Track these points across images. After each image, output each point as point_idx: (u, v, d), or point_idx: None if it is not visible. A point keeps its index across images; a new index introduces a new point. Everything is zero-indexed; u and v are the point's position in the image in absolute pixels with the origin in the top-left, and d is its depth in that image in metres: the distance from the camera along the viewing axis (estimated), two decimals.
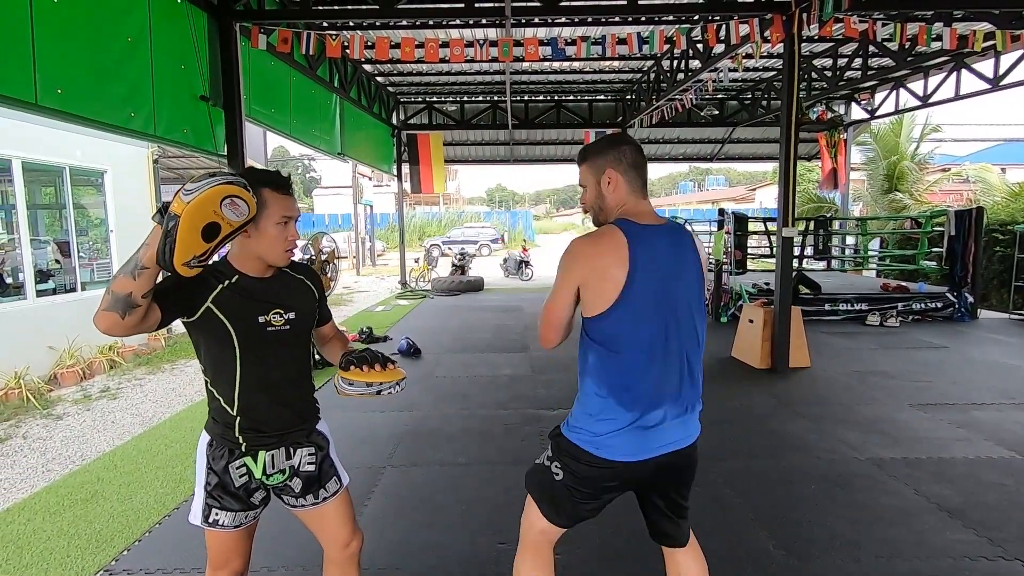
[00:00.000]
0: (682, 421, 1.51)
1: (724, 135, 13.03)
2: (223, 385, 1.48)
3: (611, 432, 1.44)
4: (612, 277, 1.38)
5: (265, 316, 1.47)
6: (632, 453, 1.45)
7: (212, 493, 1.51)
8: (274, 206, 1.43)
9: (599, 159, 1.51)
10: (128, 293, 1.22)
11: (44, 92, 3.24)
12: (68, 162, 6.24)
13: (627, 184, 1.49)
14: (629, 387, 1.43)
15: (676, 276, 1.44)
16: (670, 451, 1.49)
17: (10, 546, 2.60)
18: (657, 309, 1.41)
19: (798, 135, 5.26)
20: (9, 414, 4.72)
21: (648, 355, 1.42)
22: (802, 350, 5.50)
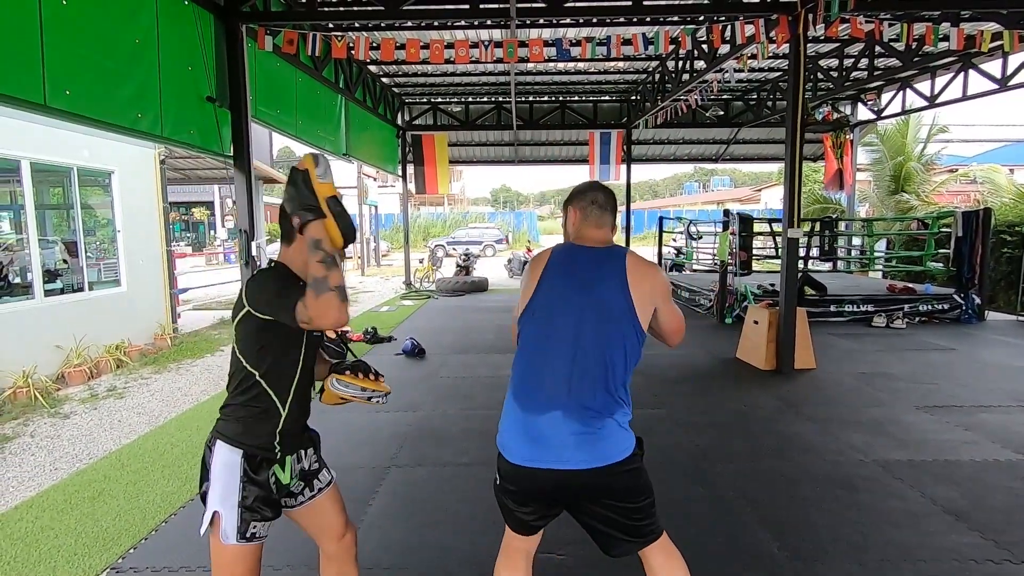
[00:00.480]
0: (581, 439, 1.42)
1: (729, 136, 13.01)
2: (280, 384, 1.50)
3: (507, 429, 1.53)
4: (531, 283, 1.59)
5: None
6: (521, 457, 1.46)
7: (252, 507, 1.47)
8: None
9: (571, 201, 1.72)
10: (343, 281, 1.30)
11: (53, 93, 3.28)
12: (76, 163, 6.28)
13: (582, 218, 1.66)
14: (522, 386, 1.52)
15: (590, 290, 1.51)
16: (566, 469, 1.42)
17: (19, 543, 2.62)
18: (562, 317, 1.51)
19: (804, 136, 5.24)
20: (17, 412, 4.75)
21: (542, 359, 1.50)
22: (807, 351, 5.48)
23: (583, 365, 1.46)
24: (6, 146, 5.46)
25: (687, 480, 3.16)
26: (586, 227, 1.65)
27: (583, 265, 1.57)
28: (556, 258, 1.60)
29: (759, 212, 26.27)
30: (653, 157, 13.92)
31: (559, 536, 2.57)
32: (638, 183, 61.01)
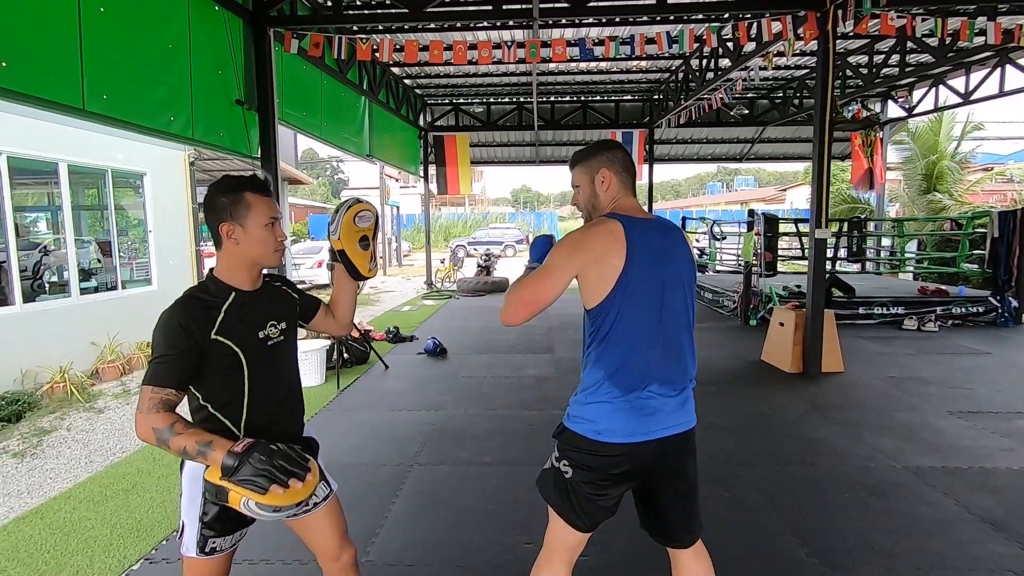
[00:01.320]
0: (679, 404, 1.55)
1: (754, 135, 12.80)
2: (230, 409, 1.43)
3: (608, 415, 1.49)
4: (611, 264, 1.45)
5: (264, 331, 1.47)
6: (631, 434, 1.48)
7: (210, 524, 1.43)
8: (259, 208, 1.43)
9: (593, 160, 1.62)
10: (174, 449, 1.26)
11: (91, 98, 3.38)
12: (110, 165, 6.48)
13: (618, 184, 1.60)
14: (624, 369, 1.48)
15: (667, 263, 1.52)
16: (671, 434, 1.52)
17: (57, 533, 2.71)
18: (651, 294, 1.48)
19: (832, 134, 5.13)
20: (54, 407, 4.92)
21: (642, 338, 1.48)
22: (835, 354, 5.36)
23: (677, 338, 1.53)
24: (46, 149, 5.66)
25: (711, 483, 3.12)
26: (624, 196, 1.60)
27: (656, 240, 1.52)
28: (633, 233, 1.48)
29: (784, 212, 25.83)
30: (676, 157, 13.77)
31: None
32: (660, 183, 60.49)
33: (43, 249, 6.23)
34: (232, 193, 1.42)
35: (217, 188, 1.44)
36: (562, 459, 1.56)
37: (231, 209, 1.41)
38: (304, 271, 13.42)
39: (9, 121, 5.13)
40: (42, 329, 5.46)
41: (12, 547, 2.60)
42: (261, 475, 1.21)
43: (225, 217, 1.41)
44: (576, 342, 6.76)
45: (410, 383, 5.23)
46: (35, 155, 5.60)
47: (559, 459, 1.58)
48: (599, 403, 1.51)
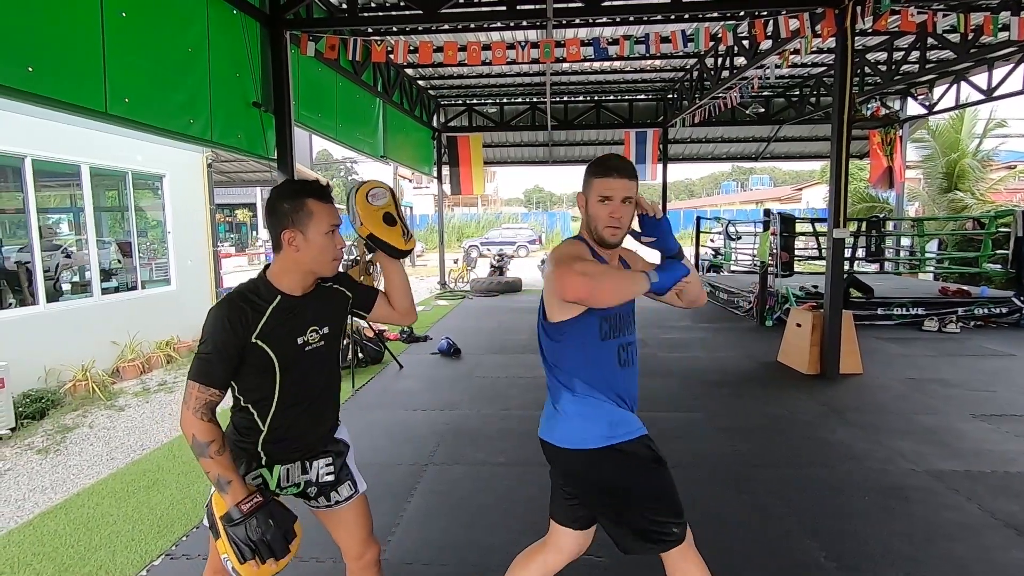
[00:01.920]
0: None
1: (770, 133, 12.67)
2: (260, 405, 1.46)
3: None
4: None
5: (303, 336, 1.48)
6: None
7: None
8: (320, 215, 1.41)
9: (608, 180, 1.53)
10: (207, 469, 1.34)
11: (113, 101, 3.45)
12: (131, 167, 6.60)
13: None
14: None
15: None
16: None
17: (81, 528, 2.77)
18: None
19: (851, 133, 5.06)
20: (77, 404, 5.02)
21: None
22: (854, 356, 5.29)
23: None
24: (69, 152, 5.78)
25: (727, 486, 3.10)
26: None
27: None
28: None
29: (801, 212, 25.51)
30: (690, 156, 13.67)
31: (601, 539, 2.55)
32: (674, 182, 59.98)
33: (65, 250, 6.36)
34: (294, 199, 1.41)
35: (280, 194, 1.44)
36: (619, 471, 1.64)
37: (293, 216, 1.40)
38: None
39: (34, 125, 5.24)
40: (65, 328, 5.58)
41: (38, 541, 2.66)
42: (247, 545, 1.31)
43: (287, 224, 1.40)
44: None
45: (424, 383, 5.25)
46: (58, 158, 5.73)
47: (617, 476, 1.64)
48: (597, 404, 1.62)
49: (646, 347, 6.51)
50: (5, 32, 2.79)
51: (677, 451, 3.56)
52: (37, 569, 2.43)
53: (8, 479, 3.55)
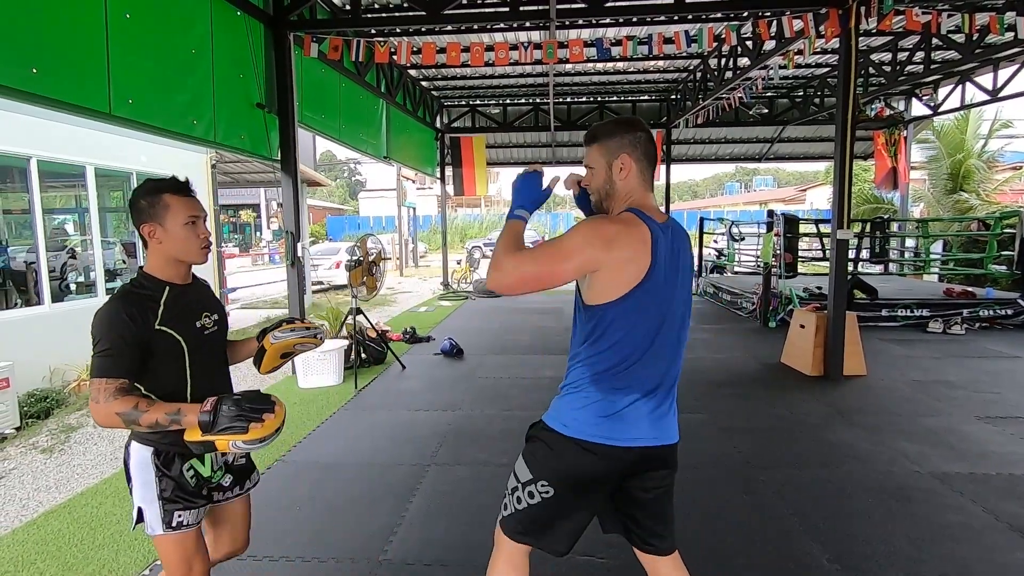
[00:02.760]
0: (668, 416, 1.50)
1: (773, 134, 12.64)
2: (174, 396, 1.50)
3: (594, 417, 1.41)
4: (631, 272, 1.36)
5: (200, 321, 1.57)
6: (619, 439, 1.41)
7: (171, 498, 1.52)
8: (177, 207, 1.50)
9: (612, 141, 1.45)
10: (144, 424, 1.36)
11: (117, 102, 3.46)
12: (135, 168, 6.63)
13: (639, 174, 1.45)
14: (614, 373, 1.41)
15: (677, 273, 1.45)
16: (657, 445, 1.46)
17: (85, 528, 2.78)
18: (659, 305, 1.41)
19: (855, 133, 5.05)
20: (80, 404, 5.04)
21: (638, 346, 1.41)
22: (857, 357, 5.27)
23: (674, 348, 1.48)
24: (74, 153, 5.81)
25: (730, 487, 3.09)
26: (643, 191, 1.47)
27: (672, 249, 1.43)
28: (659, 241, 1.39)
29: (805, 212, 25.44)
30: (694, 157, 13.66)
31: (603, 539, 2.55)
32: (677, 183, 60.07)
33: (70, 251, 6.39)
34: (151, 196, 1.50)
35: (137, 192, 1.51)
36: (537, 480, 1.46)
37: (150, 211, 1.49)
38: (322, 272, 13.57)
39: (39, 126, 5.28)
40: (69, 328, 5.60)
41: (41, 540, 2.67)
42: (238, 419, 1.35)
43: (145, 218, 1.49)
44: None
45: (427, 383, 5.26)
46: (64, 159, 5.76)
47: (532, 482, 1.46)
48: (574, 401, 1.45)
49: None
50: (10, 33, 2.81)
51: (681, 452, 3.54)
52: (41, 568, 2.44)
53: (13, 478, 3.57)
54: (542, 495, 1.44)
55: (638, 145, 1.45)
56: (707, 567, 2.36)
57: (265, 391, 1.48)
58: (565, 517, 1.46)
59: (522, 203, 1.50)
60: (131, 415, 1.35)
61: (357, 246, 5.48)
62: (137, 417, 1.35)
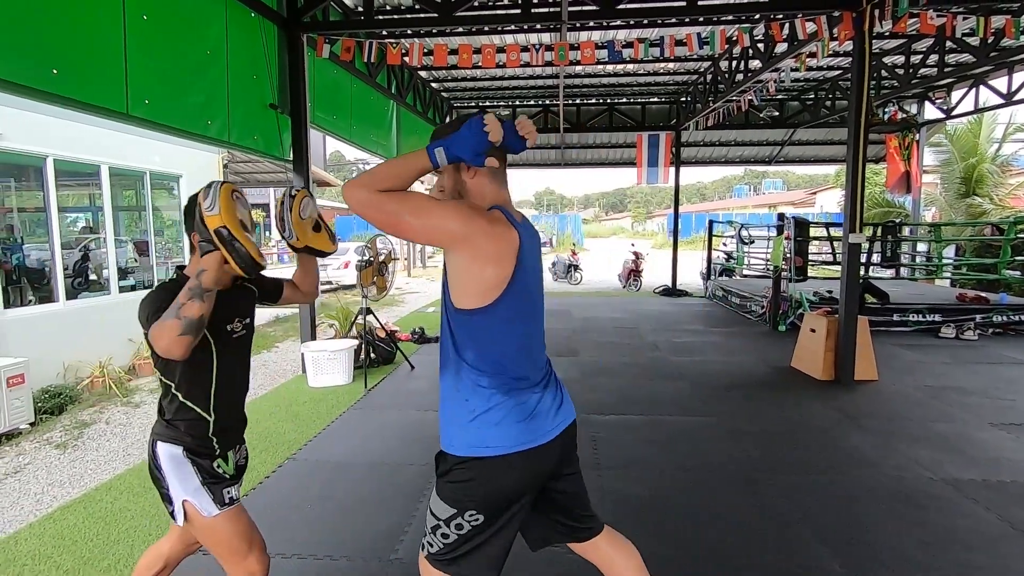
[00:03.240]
0: (561, 397, 1.51)
1: (784, 137, 12.59)
2: (199, 394, 1.58)
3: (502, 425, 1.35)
4: (497, 270, 1.32)
5: (231, 324, 1.64)
6: (541, 436, 1.38)
7: (213, 481, 1.60)
8: None
9: None
10: (200, 316, 1.39)
11: (134, 103, 3.51)
12: (148, 167, 6.70)
13: (488, 171, 1.39)
14: (520, 376, 1.40)
15: (536, 268, 1.49)
16: (568, 425, 1.48)
17: (100, 522, 2.81)
18: (527, 300, 1.42)
19: (867, 137, 5.02)
20: (94, 400, 5.10)
21: (527, 343, 1.43)
22: (869, 362, 5.23)
23: (539, 338, 1.51)
24: (89, 152, 5.88)
25: (738, 491, 3.08)
26: (496, 186, 1.43)
27: (534, 238, 1.47)
28: (523, 240, 1.38)
29: (815, 216, 25.27)
30: (703, 159, 13.62)
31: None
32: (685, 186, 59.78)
33: (84, 248, 6.46)
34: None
35: (193, 199, 1.54)
36: (464, 511, 1.37)
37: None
38: (331, 272, 13.64)
39: (55, 125, 5.34)
40: (83, 325, 5.67)
41: (58, 535, 2.70)
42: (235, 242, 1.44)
43: (194, 227, 1.53)
44: (601, 346, 6.73)
45: (436, 384, 5.25)
46: (79, 158, 5.83)
47: (457, 515, 1.37)
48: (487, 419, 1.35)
49: (656, 351, 6.48)
50: (31, 35, 2.85)
51: (687, 454, 3.55)
52: (58, 562, 2.47)
53: (27, 473, 3.62)
54: (471, 523, 1.37)
55: None
56: (713, 569, 2.36)
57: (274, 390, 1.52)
58: (498, 539, 1.40)
59: (450, 146, 1.28)
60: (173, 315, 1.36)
61: (367, 246, 5.51)
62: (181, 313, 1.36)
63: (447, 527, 1.38)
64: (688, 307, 10.02)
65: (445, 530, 1.39)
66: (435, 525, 1.41)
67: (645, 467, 3.38)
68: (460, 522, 1.37)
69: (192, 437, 1.58)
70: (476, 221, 1.30)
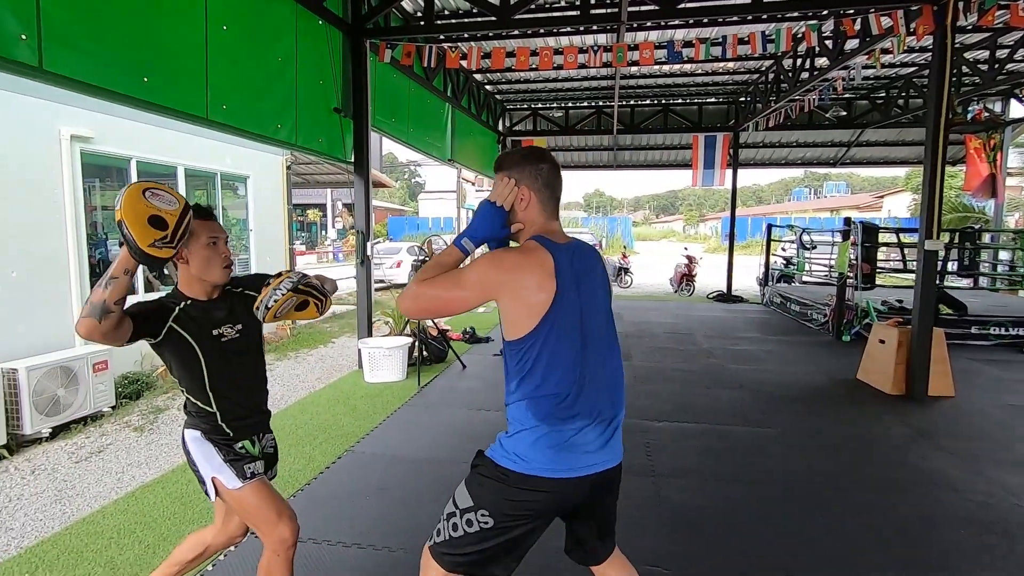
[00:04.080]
0: (611, 438, 1.47)
1: (850, 137, 12.01)
2: (198, 391, 1.71)
3: (536, 449, 1.38)
4: (540, 295, 1.36)
5: (218, 329, 1.73)
6: (571, 469, 1.39)
7: (235, 458, 1.74)
8: (199, 231, 1.65)
9: (514, 172, 1.49)
10: (103, 301, 1.44)
11: (213, 108, 3.71)
12: (219, 168, 7.06)
13: (539, 204, 1.48)
14: (548, 401, 1.38)
15: (592, 292, 1.45)
16: (603, 470, 1.44)
17: (176, 502, 2.99)
18: (578, 327, 1.40)
19: (948, 137, 4.72)
20: (167, 387, 5.42)
21: (567, 371, 1.39)
22: (944, 377, 4.92)
23: (612, 371, 1.48)
24: (167, 155, 6.26)
25: (804, 508, 2.95)
26: (544, 217, 1.49)
27: (580, 267, 1.44)
28: (561, 262, 1.40)
29: (883, 221, 23.98)
30: (762, 161, 13.16)
31: (666, 550, 2.50)
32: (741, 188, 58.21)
33: None
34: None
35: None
36: (480, 508, 1.41)
37: None
38: (385, 270, 13.99)
39: (137, 129, 5.72)
40: None
41: (139, 512, 2.89)
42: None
43: None
44: (654, 351, 6.61)
45: (486, 383, 5.31)
46: (159, 159, 6.21)
47: (472, 509, 1.42)
48: (523, 437, 1.40)
49: (712, 358, 6.30)
50: (127, 47, 3.07)
51: (746, 466, 3.43)
52: (140, 537, 2.64)
53: (109, 453, 3.88)
54: (481, 524, 1.40)
55: (539, 176, 1.48)
56: None
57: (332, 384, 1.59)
58: (504, 547, 1.41)
59: (474, 233, 1.48)
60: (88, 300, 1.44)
61: (422, 246, 5.61)
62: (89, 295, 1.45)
63: (459, 518, 1.43)
64: (744, 313, 9.70)
65: (457, 520, 1.43)
66: (450, 512, 1.46)
67: (702, 477, 3.29)
68: (471, 518, 1.41)
69: (206, 424, 1.74)
70: (504, 264, 1.39)
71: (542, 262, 1.37)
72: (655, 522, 2.78)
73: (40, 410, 4.10)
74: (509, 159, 1.51)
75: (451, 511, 1.46)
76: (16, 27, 2.59)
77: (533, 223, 1.49)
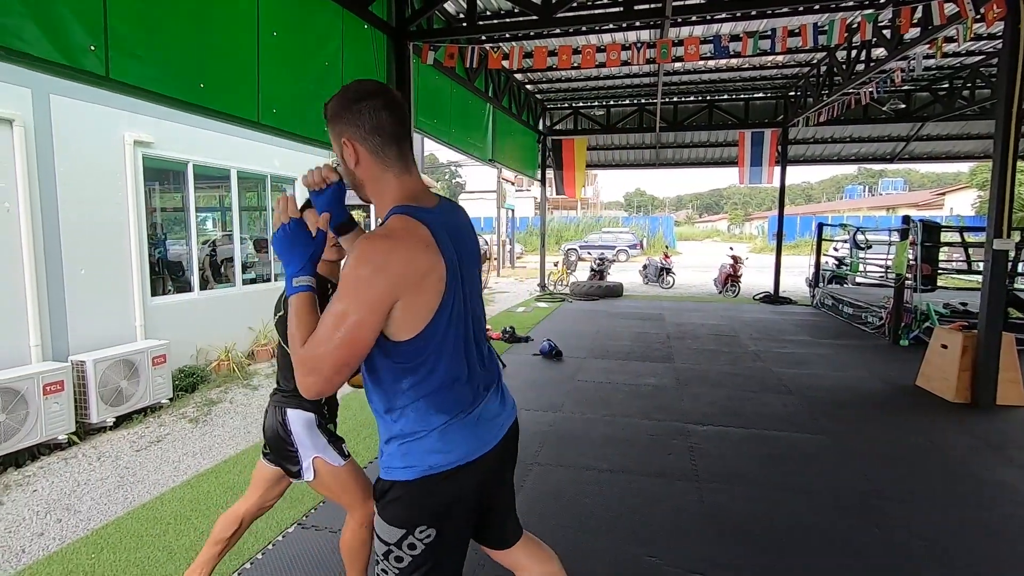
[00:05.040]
0: (502, 393, 1.43)
1: (909, 132, 11.43)
2: None
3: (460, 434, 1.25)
4: (434, 284, 1.14)
5: None
6: (487, 443, 1.30)
7: (333, 440, 1.92)
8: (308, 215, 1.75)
9: (335, 123, 1.20)
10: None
11: (264, 112, 3.84)
12: (269, 171, 7.31)
13: (372, 155, 1.18)
14: (465, 384, 1.27)
15: (467, 261, 1.26)
16: (508, 427, 1.39)
17: (228, 492, 3.11)
18: (464, 300, 1.24)
19: (1019, 130, 4.42)
20: (220, 381, 5.65)
21: (467, 349, 1.27)
22: (1015, 385, 4.61)
23: (479, 342, 1.34)
24: (221, 158, 6.52)
25: (857, 518, 2.82)
26: (393, 173, 1.21)
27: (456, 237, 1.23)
28: (440, 239, 1.17)
29: (944, 219, 22.75)
30: (812, 158, 12.68)
31: (708, 557, 2.44)
32: (790, 186, 56.34)
33: (211, 244, 7.18)
34: None
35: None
36: (416, 527, 1.24)
37: None
38: None
39: (194, 134, 5.98)
40: (212, 314, 6.30)
41: (195, 499, 3.02)
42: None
43: None
44: (698, 353, 6.46)
45: (527, 382, 5.31)
46: (214, 163, 6.48)
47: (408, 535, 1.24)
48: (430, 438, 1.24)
49: (759, 361, 6.11)
50: (184, 55, 3.21)
51: (795, 473, 3.30)
52: (195, 524, 2.76)
53: (167, 442, 4.08)
54: (424, 541, 1.25)
55: (361, 121, 1.16)
56: None
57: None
58: (453, 550, 1.32)
59: (300, 266, 1.17)
60: None
61: None
62: None
63: (399, 550, 1.25)
64: (792, 315, 9.36)
65: (398, 553, 1.25)
66: (386, 551, 1.26)
67: (749, 483, 3.19)
68: (412, 541, 1.25)
69: (311, 406, 1.88)
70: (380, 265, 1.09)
71: (424, 239, 1.13)
72: (698, 527, 2.71)
73: (105, 400, 4.34)
74: (328, 106, 1.21)
75: (385, 549, 1.26)
76: (85, 39, 2.74)
77: (378, 182, 1.21)
